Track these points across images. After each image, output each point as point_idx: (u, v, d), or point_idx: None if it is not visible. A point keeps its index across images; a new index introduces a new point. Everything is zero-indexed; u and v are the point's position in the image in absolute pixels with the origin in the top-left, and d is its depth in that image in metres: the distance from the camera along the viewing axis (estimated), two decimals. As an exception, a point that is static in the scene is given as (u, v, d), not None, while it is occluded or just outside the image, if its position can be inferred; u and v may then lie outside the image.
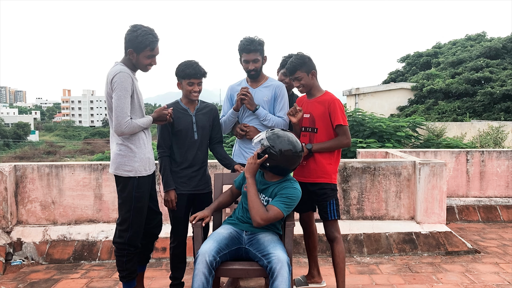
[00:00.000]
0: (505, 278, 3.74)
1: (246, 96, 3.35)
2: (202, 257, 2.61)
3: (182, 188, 3.19)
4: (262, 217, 2.67)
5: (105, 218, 4.57)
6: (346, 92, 22.84)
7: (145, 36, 2.82)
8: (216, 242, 2.72)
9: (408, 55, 36.57)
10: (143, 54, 2.87)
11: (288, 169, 2.83)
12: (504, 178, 5.95)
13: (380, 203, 4.68)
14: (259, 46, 3.38)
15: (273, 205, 2.72)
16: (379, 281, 3.70)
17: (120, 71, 2.81)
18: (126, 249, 2.96)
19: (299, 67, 3.18)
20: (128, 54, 2.88)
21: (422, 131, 11.19)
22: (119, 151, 2.91)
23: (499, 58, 27.71)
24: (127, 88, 2.80)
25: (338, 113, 3.14)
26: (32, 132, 71.55)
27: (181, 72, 3.15)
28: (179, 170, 3.20)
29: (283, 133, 2.82)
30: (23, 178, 4.51)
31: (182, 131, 3.18)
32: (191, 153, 3.20)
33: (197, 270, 2.57)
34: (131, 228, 2.94)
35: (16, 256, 4.28)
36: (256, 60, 3.38)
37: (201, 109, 3.28)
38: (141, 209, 2.97)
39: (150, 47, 2.86)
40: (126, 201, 2.93)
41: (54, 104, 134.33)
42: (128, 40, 2.85)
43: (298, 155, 2.79)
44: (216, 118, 3.38)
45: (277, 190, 2.81)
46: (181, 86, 3.19)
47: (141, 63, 2.91)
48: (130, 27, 2.86)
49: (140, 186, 2.94)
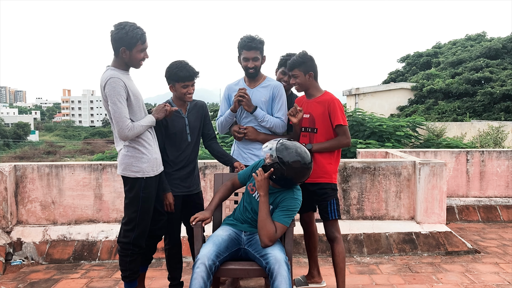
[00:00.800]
0: (505, 278, 3.74)
1: (243, 98, 3.32)
2: (201, 261, 2.60)
3: (177, 189, 3.18)
4: (271, 238, 2.66)
5: (105, 218, 4.57)
6: (346, 92, 22.85)
7: (134, 31, 2.80)
8: (216, 246, 2.72)
9: (408, 55, 36.59)
10: (136, 49, 2.85)
11: (294, 183, 2.78)
12: (504, 178, 5.95)
13: (380, 203, 4.68)
14: (260, 45, 3.36)
15: (277, 222, 2.70)
16: (379, 281, 3.70)
17: (110, 76, 2.78)
18: (130, 249, 2.94)
19: (297, 65, 3.19)
20: (120, 53, 2.84)
21: (422, 131, 11.19)
22: (127, 152, 2.90)
23: (499, 58, 27.73)
24: (120, 92, 2.77)
25: (338, 113, 3.14)
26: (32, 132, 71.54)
27: (174, 76, 3.09)
28: (172, 172, 3.18)
29: (292, 144, 2.75)
30: (23, 178, 4.51)
31: (176, 134, 3.17)
32: (185, 154, 3.19)
33: (195, 274, 2.56)
34: (137, 228, 2.93)
35: (16, 256, 4.28)
36: (256, 59, 3.36)
37: (191, 109, 3.25)
38: (147, 210, 2.96)
39: (141, 40, 2.84)
40: (133, 201, 2.92)
41: (54, 104, 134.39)
42: (118, 39, 2.81)
43: (307, 167, 2.73)
44: (206, 115, 3.34)
45: (279, 199, 2.78)
46: (174, 89, 3.14)
47: (135, 59, 2.88)
48: (115, 26, 2.82)
49: (147, 187, 2.93)
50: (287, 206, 2.74)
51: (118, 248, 3.02)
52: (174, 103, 3.23)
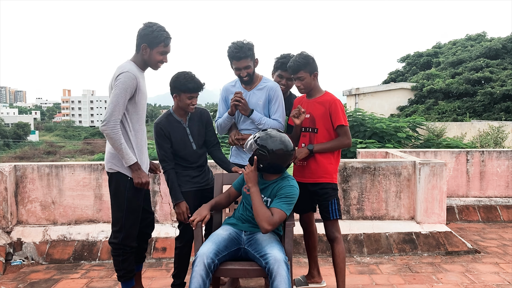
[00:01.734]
0: (505, 278, 3.74)
1: (239, 102, 3.30)
2: (200, 259, 2.61)
3: (188, 186, 3.19)
4: (270, 222, 2.67)
5: (105, 218, 4.57)
6: (346, 92, 22.84)
7: (160, 32, 2.87)
8: (215, 244, 2.72)
9: (408, 55, 36.58)
10: (157, 49, 2.90)
11: (282, 166, 2.84)
12: (504, 178, 5.95)
13: (380, 203, 4.68)
14: (249, 52, 3.28)
15: (275, 208, 2.72)
16: (379, 281, 3.70)
17: (127, 70, 2.81)
18: (121, 249, 2.97)
19: (303, 67, 3.15)
20: (141, 50, 2.90)
21: (422, 131, 11.19)
22: (112, 150, 2.91)
23: (499, 58, 27.74)
24: (128, 89, 2.80)
25: (340, 114, 3.14)
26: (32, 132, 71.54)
27: (182, 86, 3.07)
28: (182, 170, 3.20)
29: (276, 133, 2.84)
30: (23, 178, 4.51)
31: (180, 144, 3.17)
32: (192, 158, 3.22)
33: (195, 272, 2.57)
34: (124, 229, 2.95)
35: (16, 256, 4.28)
36: (247, 67, 3.30)
37: (192, 117, 3.25)
38: (134, 210, 2.96)
39: (164, 43, 2.90)
40: (118, 201, 2.94)
41: (54, 104, 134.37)
42: (143, 35, 2.88)
43: (289, 153, 2.82)
44: (209, 122, 3.34)
45: (276, 190, 2.82)
46: (178, 99, 3.12)
47: (153, 59, 2.93)
48: (145, 24, 2.90)
49: (132, 187, 2.92)
50: (284, 194, 2.77)
51: (110, 249, 3.05)
52: (175, 113, 3.21)
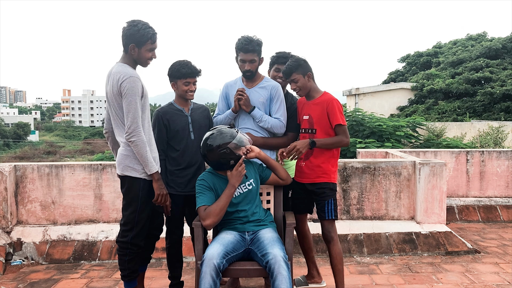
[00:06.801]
0: (505, 278, 3.74)
1: (242, 97, 3.31)
2: (209, 260, 2.59)
3: (179, 189, 3.17)
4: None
5: (105, 218, 4.57)
6: (346, 92, 22.84)
7: (146, 30, 2.86)
8: (223, 246, 2.72)
9: (408, 55, 36.55)
10: (145, 47, 2.89)
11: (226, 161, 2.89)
12: (504, 178, 5.95)
13: (380, 203, 4.68)
14: (257, 47, 3.31)
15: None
16: (379, 281, 3.70)
17: (130, 75, 2.81)
18: (128, 248, 2.95)
19: (294, 69, 3.17)
20: (129, 50, 2.88)
21: (422, 131, 11.19)
22: (125, 152, 2.89)
23: (499, 58, 27.72)
24: (138, 93, 2.82)
25: (337, 113, 3.14)
26: (32, 132, 71.54)
27: (176, 72, 3.13)
28: (175, 170, 3.18)
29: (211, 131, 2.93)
30: (23, 178, 4.51)
31: (179, 132, 3.17)
32: (189, 153, 3.18)
33: (204, 273, 2.55)
34: (135, 228, 2.93)
35: (16, 256, 4.28)
36: (252, 61, 3.32)
37: (195, 109, 3.28)
38: (146, 210, 2.96)
39: (151, 39, 2.90)
40: (132, 202, 2.92)
41: (54, 104, 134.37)
42: (129, 35, 2.86)
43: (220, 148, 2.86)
44: (210, 118, 3.39)
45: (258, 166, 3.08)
46: (176, 87, 3.18)
47: (143, 57, 2.92)
48: (128, 23, 2.87)
49: (146, 187, 2.92)
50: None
51: (117, 248, 3.03)
52: (176, 103, 3.24)
